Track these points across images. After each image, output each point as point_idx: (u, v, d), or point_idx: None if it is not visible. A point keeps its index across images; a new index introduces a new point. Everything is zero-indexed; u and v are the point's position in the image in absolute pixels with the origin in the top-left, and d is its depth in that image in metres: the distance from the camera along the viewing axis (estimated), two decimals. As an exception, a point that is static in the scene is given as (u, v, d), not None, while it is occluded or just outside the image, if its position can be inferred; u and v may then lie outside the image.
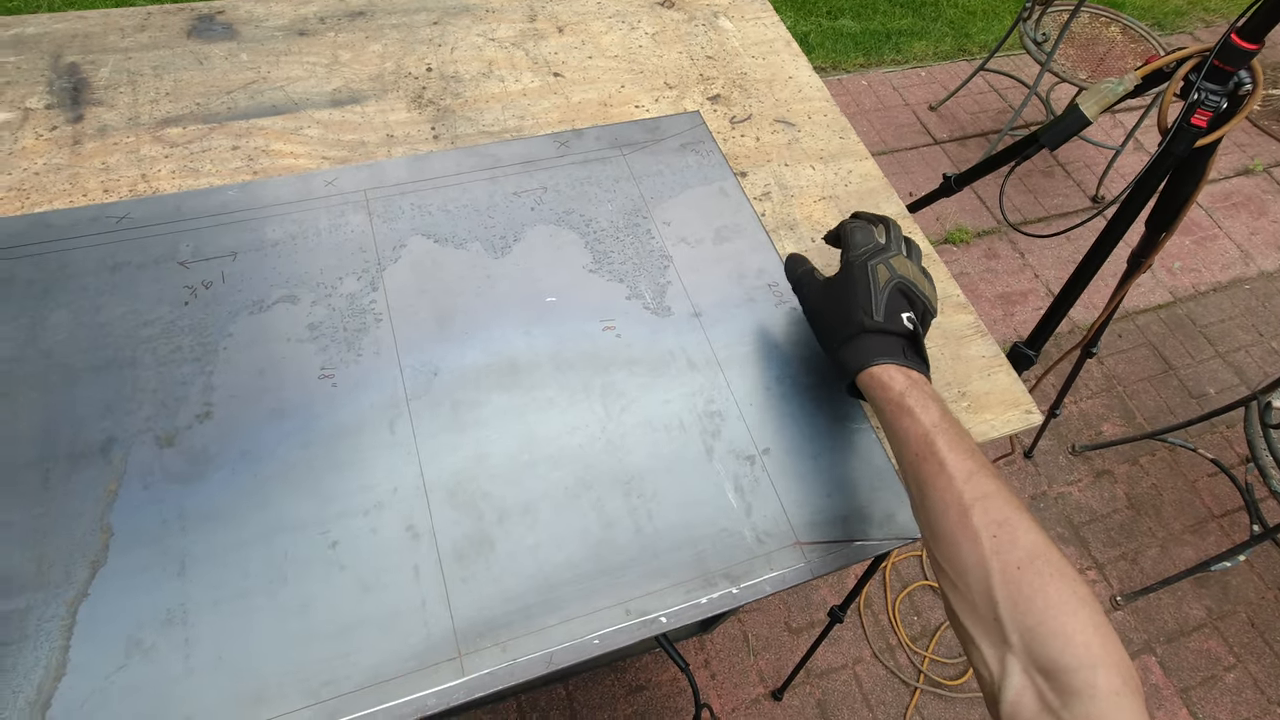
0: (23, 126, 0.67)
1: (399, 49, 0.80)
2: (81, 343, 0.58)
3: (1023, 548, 0.42)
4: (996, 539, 0.42)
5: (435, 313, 0.63)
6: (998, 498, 0.44)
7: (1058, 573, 0.41)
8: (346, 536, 0.53)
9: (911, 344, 0.54)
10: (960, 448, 0.47)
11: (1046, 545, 0.42)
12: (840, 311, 0.56)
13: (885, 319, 0.54)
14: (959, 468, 0.46)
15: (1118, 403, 1.95)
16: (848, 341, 0.55)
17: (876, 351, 0.53)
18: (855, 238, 0.59)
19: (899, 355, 0.53)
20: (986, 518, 0.43)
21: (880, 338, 0.54)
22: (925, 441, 0.48)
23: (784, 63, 0.87)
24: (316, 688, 0.47)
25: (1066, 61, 2.11)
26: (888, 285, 0.55)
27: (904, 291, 0.56)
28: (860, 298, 0.55)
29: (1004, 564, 0.41)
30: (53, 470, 0.52)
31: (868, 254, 0.57)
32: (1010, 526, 0.43)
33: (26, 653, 0.46)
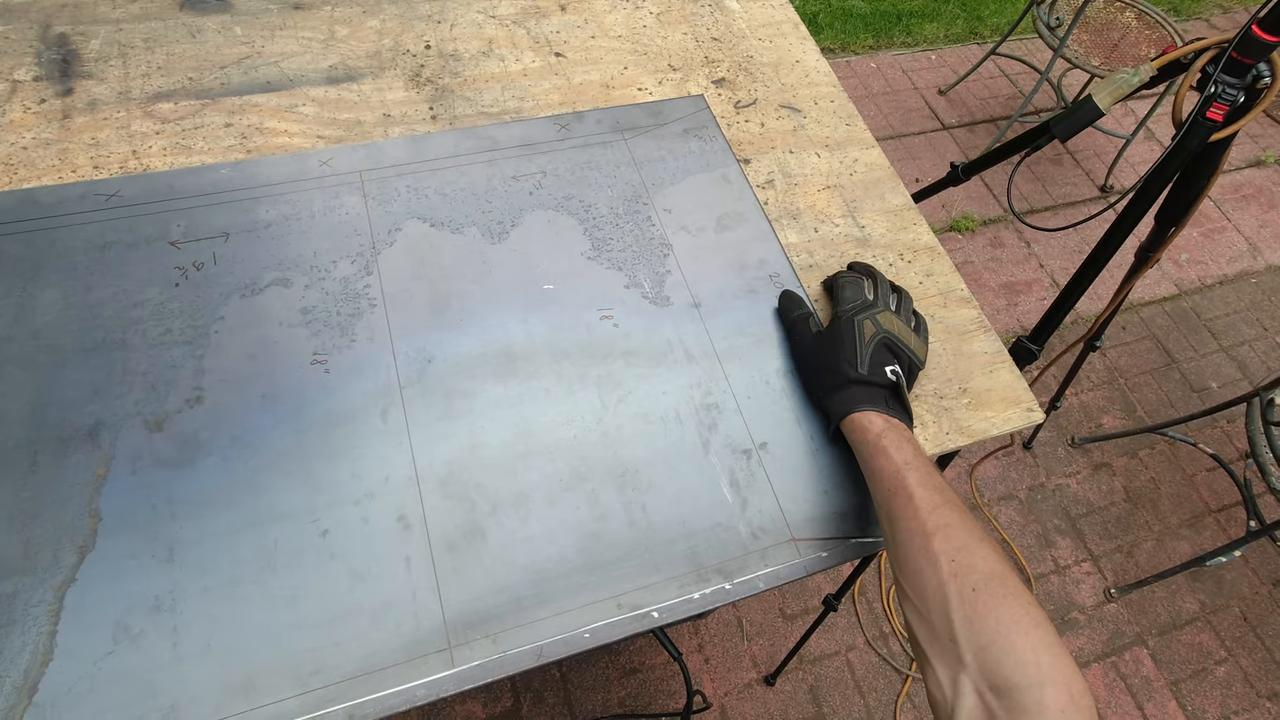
0: (10, 99, 0.65)
1: (397, 25, 0.78)
2: (70, 323, 0.57)
3: (979, 571, 0.44)
4: (955, 563, 0.45)
5: (430, 299, 0.62)
6: (959, 527, 0.46)
7: (1012, 595, 0.43)
8: (337, 525, 0.52)
9: (894, 394, 0.57)
10: (929, 484, 0.49)
11: (1003, 570, 0.44)
12: (828, 363, 0.58)
13: (869, 372, 0.56)
14: (925, 500, 0.48)
15: (1119, 395, 1.94)
16: (834, 391, 0.57)
17: (860, 400, 0.55)
18: (844, 293, 0.62)
19: (881, 404, 0.55)
20: (947, 544, 0.46)
21: (864, 388, 0.56)
22: (897, 478, 0.50)
23: (791, 46, 0.85)
24: (305, 677, 0.47)
25: (1079, 47, 2.07)
26: (873, 340, 0.58)
27: (889, 346, 0.59)
28: (846, 352, 0.57)
29: (961, 586, 0.43)
30: (41, 453, 0.52)
31: (855, 309, 0.60)
32: (968, 552, 0.45)
33: (14, 637, 0.46)
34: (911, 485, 0.49)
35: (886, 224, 0.73)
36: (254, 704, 0.46)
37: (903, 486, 0.49)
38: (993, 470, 1.78)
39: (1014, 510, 1.73)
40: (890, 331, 0.59)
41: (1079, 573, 1.67)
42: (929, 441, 0.62)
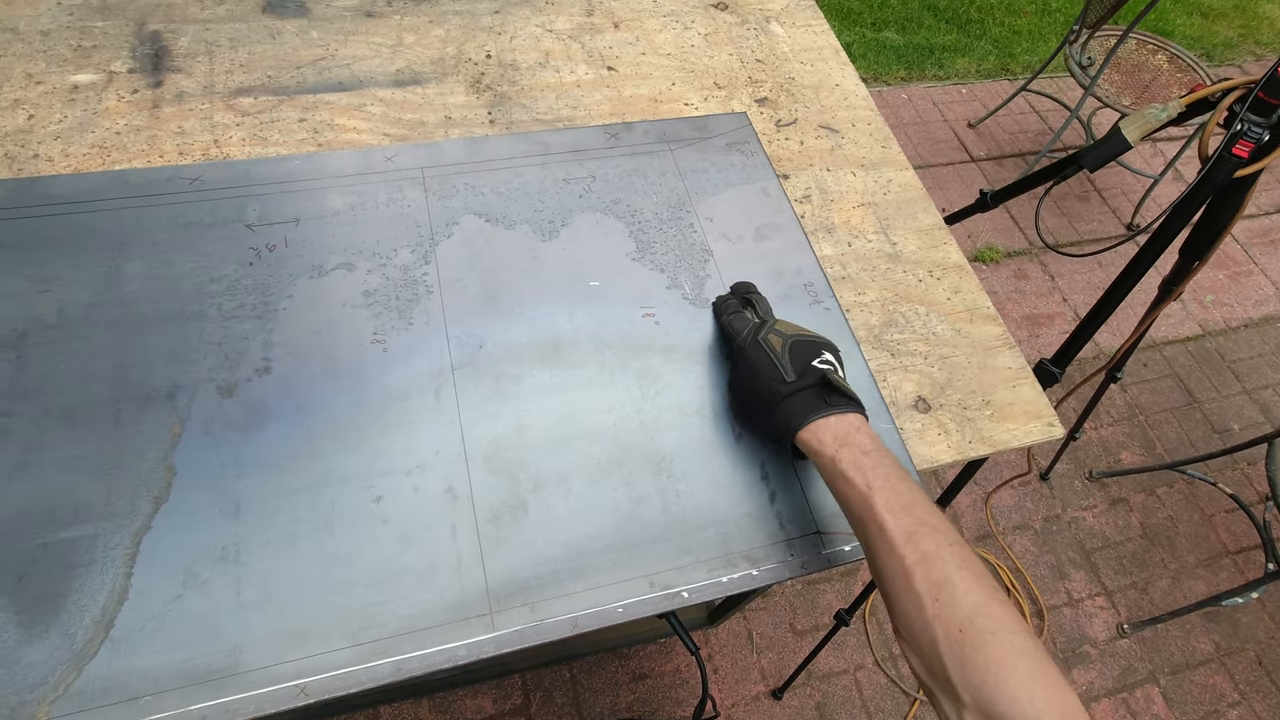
0: (107, 88, 0.70)
1: (461, 35, 0.83)
2: (153, 294, 0.61)
3: (963, 609, 0.43)
4: (938, 602, 0.44)
5: (483, 288, 0.66)
6: (937, 559, 0.45)
7: (997, 629, 0.42)
8: (390, 493, 0.56)
9: (829, 388, 0.55)
10: (896, 507, 0.48)
11: (987, 601, 0.43)
12: (757, 392, 0.57)
13: (799, 375, 0.56)
14: (898, 529, 0.47)
15: (1138, 432, 1.94)
16: (772, 413, 0.56)
17: (797, 414, 0.54)
18: (734, 325, 0.62)
19: (820, 407, 0.54)
20: (928, 581, 0.45)
21: (797, 398, 0.55)
22: (864, 505, 0.49)
23: (831, 70, 0.89)
24: (356, 631, 0.50)
25: (1111, 87, 2.10)
26: (784, 347, 0.57)
27: (804, 343, 0.58)
28: (766, 371, 0.57)
29: (946, 627, 0.43)
30: (123, 410, 0.56)
31: (752, 331, 0.60)
32: (950, 588, 0.44)
33: (93, 576, 0.50)
34: (881, 513, 0.48)
35: (918, 242, 0.77)
36: (309, 652, 0.49)
37: (873, 515, 0.48)
38: (1008, 499, 1.79)
39: (1028, 540, 1.74)
40: (795, 333, 0.59)
41: (1092, 606, 1.66)
42: (951, 449, 0.65)
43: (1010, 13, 3.00)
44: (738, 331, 0.61)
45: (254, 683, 0.48)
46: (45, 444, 0.53)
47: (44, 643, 0.47)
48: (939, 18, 2.90)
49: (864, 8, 2.86)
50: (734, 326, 0.62)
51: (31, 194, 0.63)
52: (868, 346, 0.69)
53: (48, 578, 0.49)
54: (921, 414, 0.66)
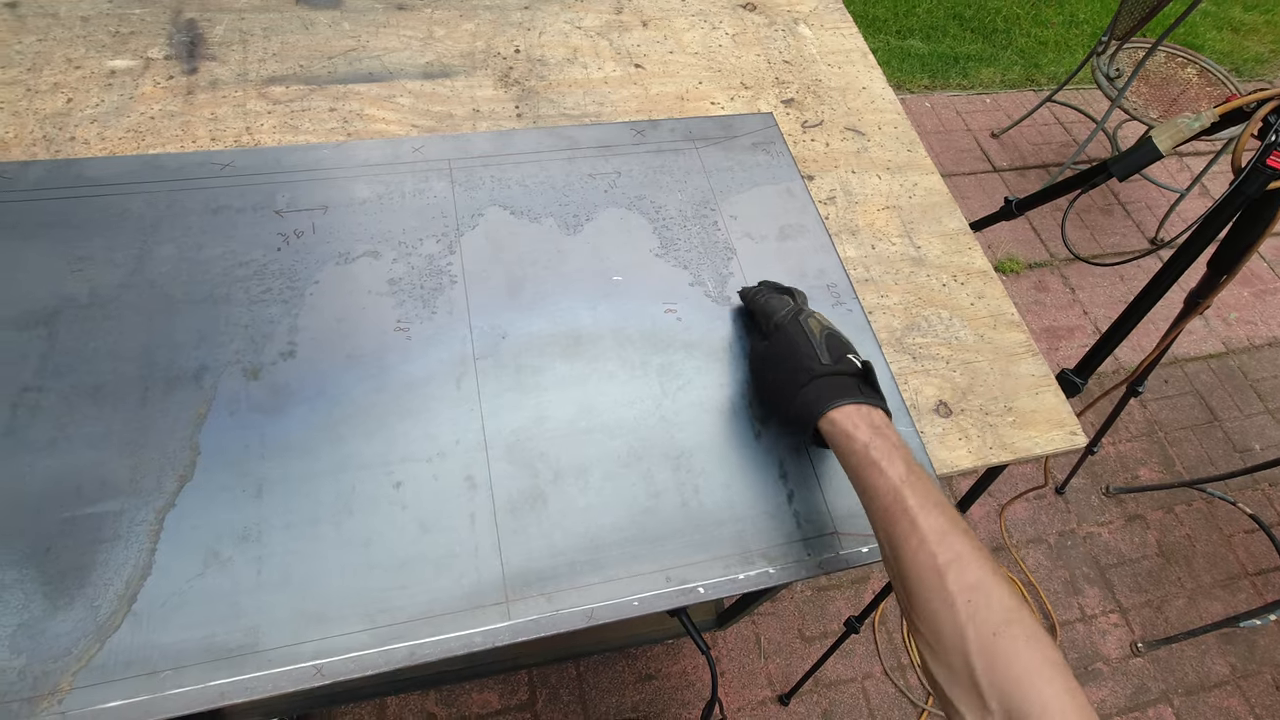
0: (143, 74, 0.71)
1: (490, 29, 0.84)
2: (182, 276, 0.62)
3: (997, 613, 0.42)
4: (971, 604, 0.43)
5: (507, 280, 0.66)
6: (971, 560, 0.44)
7: (1031, 638, 0.41)
8: (410, 479, 0.56)
9: (865, 381, 0.55)
10: (929, 504, 0.47)
11: (1019, 608, 0.43)
12: (788, 366, 0.56)
13: (834, 361, 0.55)
14: (930, 527, 0.46)
15: (1157, 448, 1.92)
16: (802, 389, 0.55)
17: (833, 394, 0.53)
18: (772, 303, 0.61)
19: (855, 393, 0.53)
20: (961, 582, 0.44)
21: (833, 379, 0.54)
22: (895, 497, 0.48)
23: (859, 73, 0.89)
24: (373, 614, 0.51)
25: (1138, 99, 2.08)
26: (822, 334, 0.57)
27: (838, 338, 0.57)
28: (804, 349, 0.56)
29: (979, 630, 0.42)
30: (151, 389, 0.56)
31: (793, 312, 0.59)
32: (984, 590, 0.43)
33: (118, 551, 0.50)
34: (913, 508, 0.46)
35: (942, 246, 0.76)
36: (326, 633, 0.50)
37: (904, 510, 0.47)
38: (1023, 512, 1.77)
39: (1042, 554, 1.72)
40: (833, 329, 0.58)
41: (1106, 623, 1.64)
42: (972, 454, 0.64)
43: (1036, 23, 2.98)
44: (775, 310, 0.60)
45: (272, 661, 0.48)
46: (74, 420, 0.54)
47: (69, 614, 0.48)
48: (964, 27, 2.89)
49: (889, 15, 2.85)
50: (771, 304, 0.61)
51: (68, 175, 0.64)
52: (889, 349, 0.69)
53: (74, 551, 0.50)
54: (942, 418, 0.66)
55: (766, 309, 0.61)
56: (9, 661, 0.46)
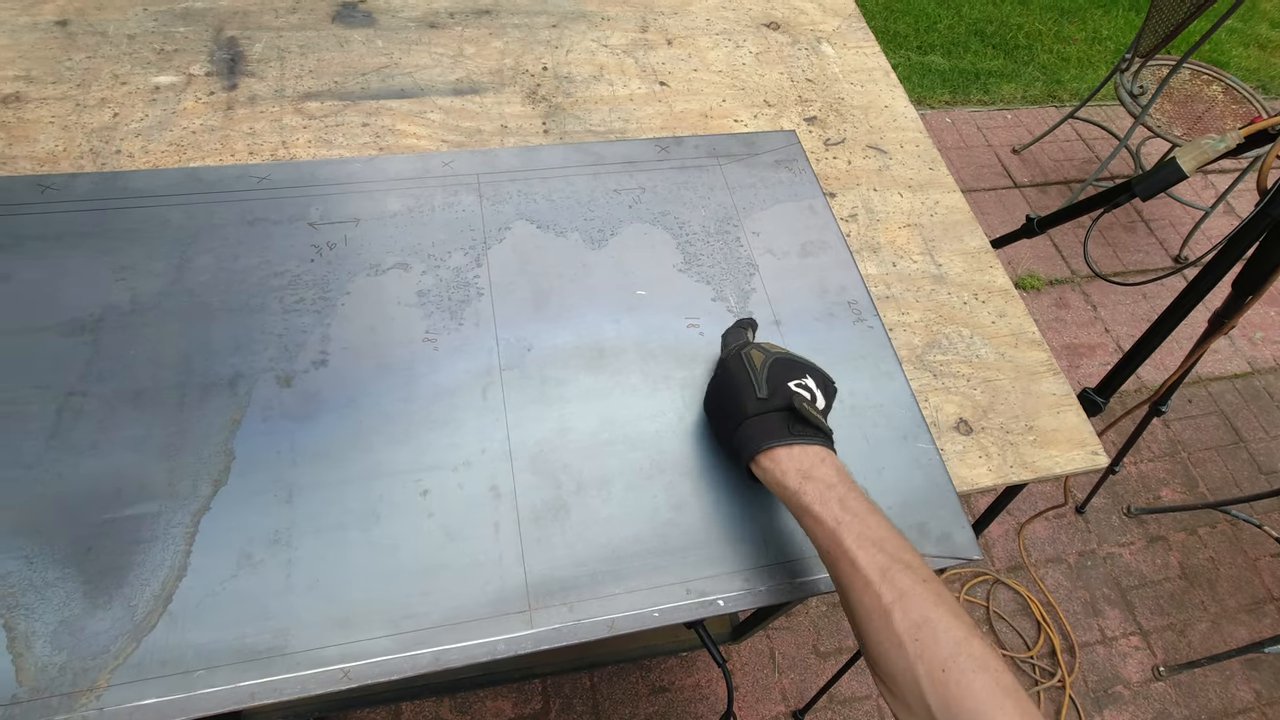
0: (186, 90, 0.74)
1: (519, 47, 0.86)
2: (219, 285, 0.64)
3: (944, 648, 0.42)
4: (919, 641, 0.42)
5: (533, 293, 0.67)
6: (914, 596, 0.44)
7: (980, 668, 0.41)
8: (436, 488, 0.57)
9: (794, 417, 0.53)
10: (867, 542, 0.46)
11: (966, 639, 0.42)
12: (727, 403, 0.56)
13: (770, 393, 0.54)
14: (871, 566, 0.45)
15: (1180, 469, 1.89)
16: (733, 433, 0.55)
17: (761, 437, 0.52)
18: (727, 340, 0.63)
19: (783, 434, 0.52)
20: (907, 620, 0.43)
21: (760, 421, 0.53)
22: (832, 540, 0.47)
23: (881, 92, 0.90)
24: (398, 619, 0.52)
25: (1162, 117, 2.06)
26: (764, 364, 0.56)
27: (785, 364, 0.56)
28: (741, 383, 0.56)
29: (929, 667, 0.42)
30: (188, 395, 0.58)
31: (738, 346, 0.59)
32: (930, 626, 0.43)
33: (155, 552, 0.52)
34: (851, 549, 0.46)
35: (963, 264, 0.76)
36: (352, 638, 0.51)
37: (843, 552, 0.46)
38: (1042, 530, 1.75)
39: (1061, 574, 1.70)
40: (781, 353, 0.57)
41: (1127, 646, 1.62)
42: (992, 472, 0.64)
43: (1059, 39, 2.97)
44: (728, 344, 0.62)
45: (300, 664, 0.49)
46: (115, 424, 0.56)
47: (107, 613, 0.49)
48: (985, 43, 2.89)
49: (910, 31, 2.86)
50: (726, 340, 0.63)
51: (113, 187, 0.66)
52: (910, 366, 0.69)
53: (113, 552, 0.51)
54: (963, 436, 0.66)
55: (723, 344, 0.63)
56: (50, 658, 0.47)
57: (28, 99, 0.71)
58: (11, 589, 0.49)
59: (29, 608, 0.49)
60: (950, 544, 0.60)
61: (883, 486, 0.61)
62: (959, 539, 0.60)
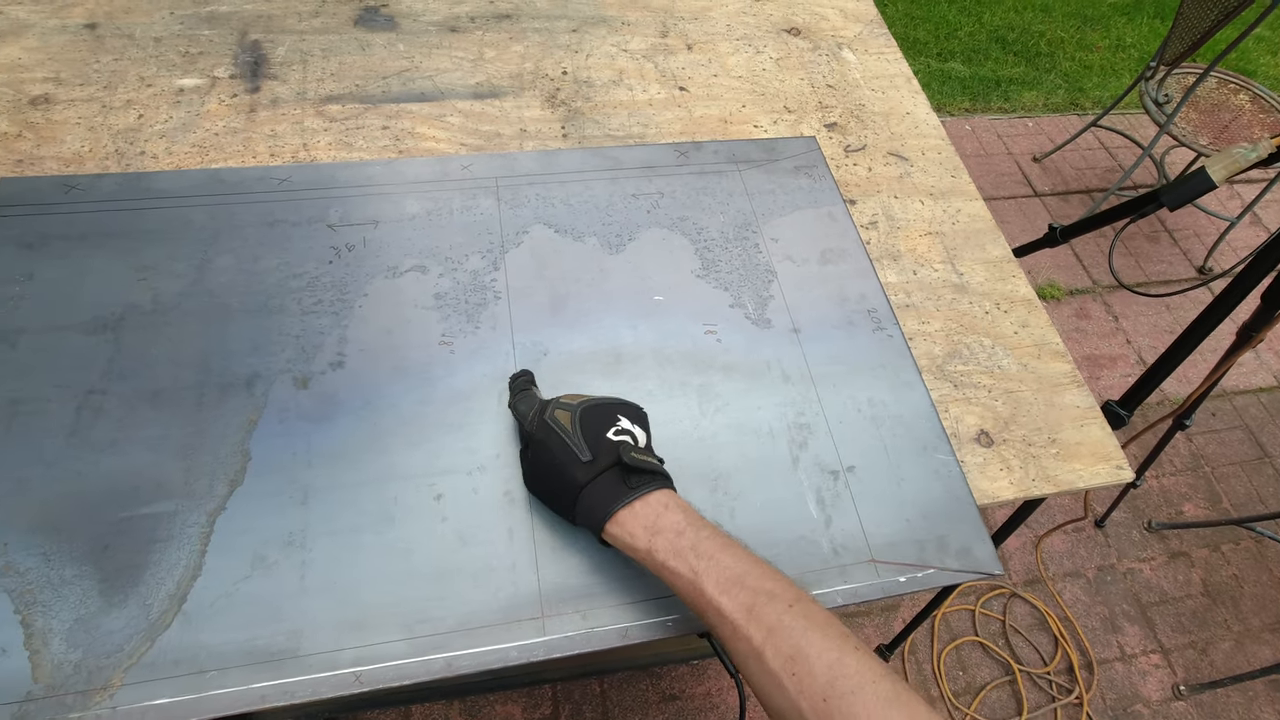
0: (210, 92, 0.75)
1: (539, 51, 0.86)
2: (239, 286, 0.64)
3: (820, 678, 0.41)
4: (795, 676, 0.42)
5: (550, 297, 0.67)
6: (782, 630, 0.43)
7: (857, 686, 0.41)
8: (450, 492, 0.57)
9: (627, 469, 0.51)
10: (727, 581, 0.45)
11: (840, 659, 0.42)
12: (554, 480, 0.53)
13: (594, 453, 0.51)
14: (736, 608, 0.44)
15: (1203, 484, 1.86)
16: (572, 508, 0.52)
17: (599, 505, 0.50)
18: (520, 408, 0.57)
19: (621, 493, 0.50)
20: (779, 657, 0.42)
21: (593, 487, 0.51)
22: (694, 591, 0.46)
23: (903, 98, 0.89)
24: (412, 624, 0.51)
25: (1188, 125, 2.03)
26: (574, 421, 0.53)
27: (593, 411, 0.54)
28: (560, 456, 0.52)
29: (811, 702, 0.41)
30: (206, 395, 0.58)
31: (538, 412, 0.55)
32: (803, 658, 0.42)
33: (170, 552, 0.52)
34: (713, 596, 0.45)
35: (985, 273, 0.75)
36: (365, 641, 0.51)
37: (707, 601, 0.45)
38: (1060, 544, 1.72)
39: (1080, 589, 1.67)
40: (583, 402, 0.55)
41: (1146, 664, 1.59)
42: (1013, 485, 0.63)
43: (1081, 47, 2.94)
44: (524, 415, 0.56)
45: (312, 666, 0.49)
46: (134, 423, 0.56)
47: (122, 611, 0.49)
48: (1007, 50, 2.87)
49: (930, 38, 2.84)
50: (519, 409, 0.57)
51: (137, 188, 0.67)
52: (930, 376, 0.68)
53: (130, 550, 0.51)
54: (984, 448, 0.65)
55: (517, 415, 0.58)
56: (66, 655, 0.47)
57: (56, 100, 0.72)
58: (30, 586, 0.49)
59: (46, 605, 0.49)
60: (971, 558, 0.58)
61: (902, 498, 0.60)
62: (979, 553, 0.59)
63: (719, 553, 0.47)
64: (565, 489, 0.52)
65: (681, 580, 0.47)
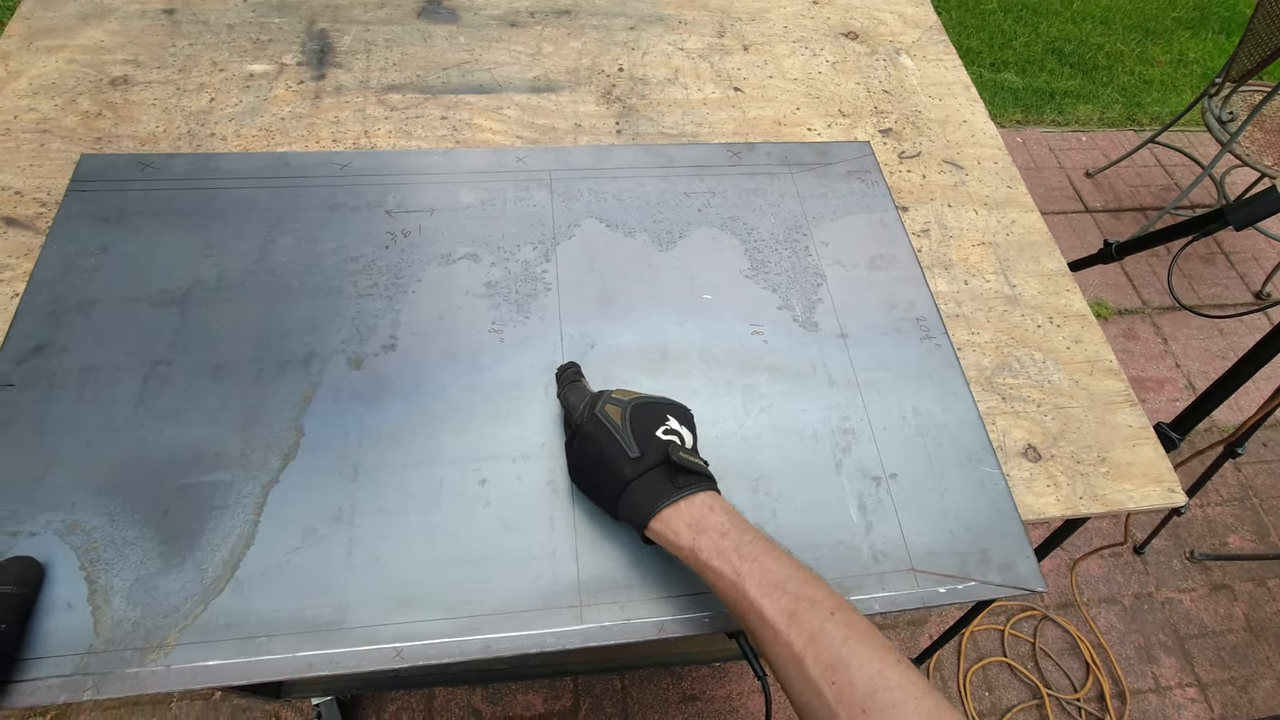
0: (278, 78, 0.77)
1: (596, 48, 0.86)
2: (299, 267, 0.66)
3: (861, 689, 0.41)
4: (835, 685, 0.41)
5: (599, 291, 0.68)
6: (824, 638, 0.43)
7: (899, 700, 0.40)
8: (495, 478, 0.58)
9: (675, 468, 0.51)
10: (770, 585, 0.45)
11: (882, 671, 0.41)
12: (601, 474, 0.53)
13: (642, 450, 0.51)
14: (778, 612, 0.44)
15: (1250, 515, 1.80)
16: (616, 503, 0.52)
17: (647, 501, 0.50)
18: (570, 399, 0.58)
19: (668, 491, 0.50)
20: (820, 665, 0.42)
21: (641, 483, 0.51)
22: (737, 593, 0.46)
23: (960, 106, 0.88)
24: (454, 604, 0.53)
25: (1252, 145, 1.97)
26: (625, 417, 0.53)
27: (644, 409, 0.54)
28: (609, 451, 0.52)
29: (850, 712, 0.40)
30: (264, 371, 0.60)
31: (589, 405, 0.55)
32: (844, 667, 0.42)
33: (225, 520, 0.54)
34: (756, 599, 0.45)
35: (1039, 286, 0.74)
36: (409, 618, 0.52)
37: (749, 604, 0.45)
38: (1097, 569, 1.68)
39: (1115, 616, 1.63)
40: (634, 399, 0.55)
41: (1182, 697, 1.54)
42: (1060, 502, 0.62)
43: (1141, 61, 2.86)
44: (574, 406, 0.57)
45: (356, 639, 0.51)
46: (197, 394, 0.58)
47: (179, 574, 0.51)
48: (1063, 62, 2.80)
49: (984, 47, 2.80)
50: (569, 401, 0.57)
51: (206, 168, 0.69)
52: (978, 388, 0.67)
53: (188, 515, 0.53)
54: (1031, 463, 0.64)
55: (566, 406, 0.58)
56: (125, 613, 0.49)
57: (134, 82, 0.74)
58: (95, 544, 0.51)
59: (109, 563, 0.51)
60: (1013, 573, 0.58)
61: (945, 508, 0.60)
62: (1022, 569, 0.58)
63: (762, 556, 0.47)
64: (612, 483, 0.52)
65: (724, 581, 0.46)
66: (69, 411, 0.56)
